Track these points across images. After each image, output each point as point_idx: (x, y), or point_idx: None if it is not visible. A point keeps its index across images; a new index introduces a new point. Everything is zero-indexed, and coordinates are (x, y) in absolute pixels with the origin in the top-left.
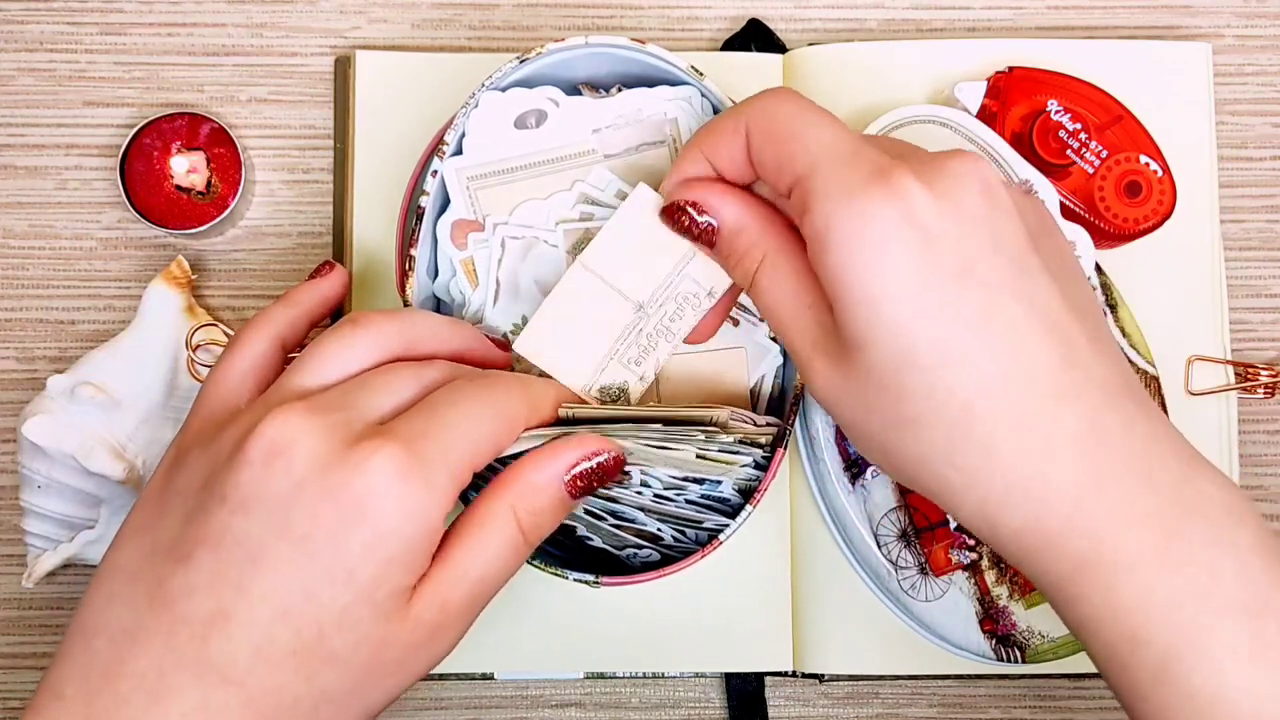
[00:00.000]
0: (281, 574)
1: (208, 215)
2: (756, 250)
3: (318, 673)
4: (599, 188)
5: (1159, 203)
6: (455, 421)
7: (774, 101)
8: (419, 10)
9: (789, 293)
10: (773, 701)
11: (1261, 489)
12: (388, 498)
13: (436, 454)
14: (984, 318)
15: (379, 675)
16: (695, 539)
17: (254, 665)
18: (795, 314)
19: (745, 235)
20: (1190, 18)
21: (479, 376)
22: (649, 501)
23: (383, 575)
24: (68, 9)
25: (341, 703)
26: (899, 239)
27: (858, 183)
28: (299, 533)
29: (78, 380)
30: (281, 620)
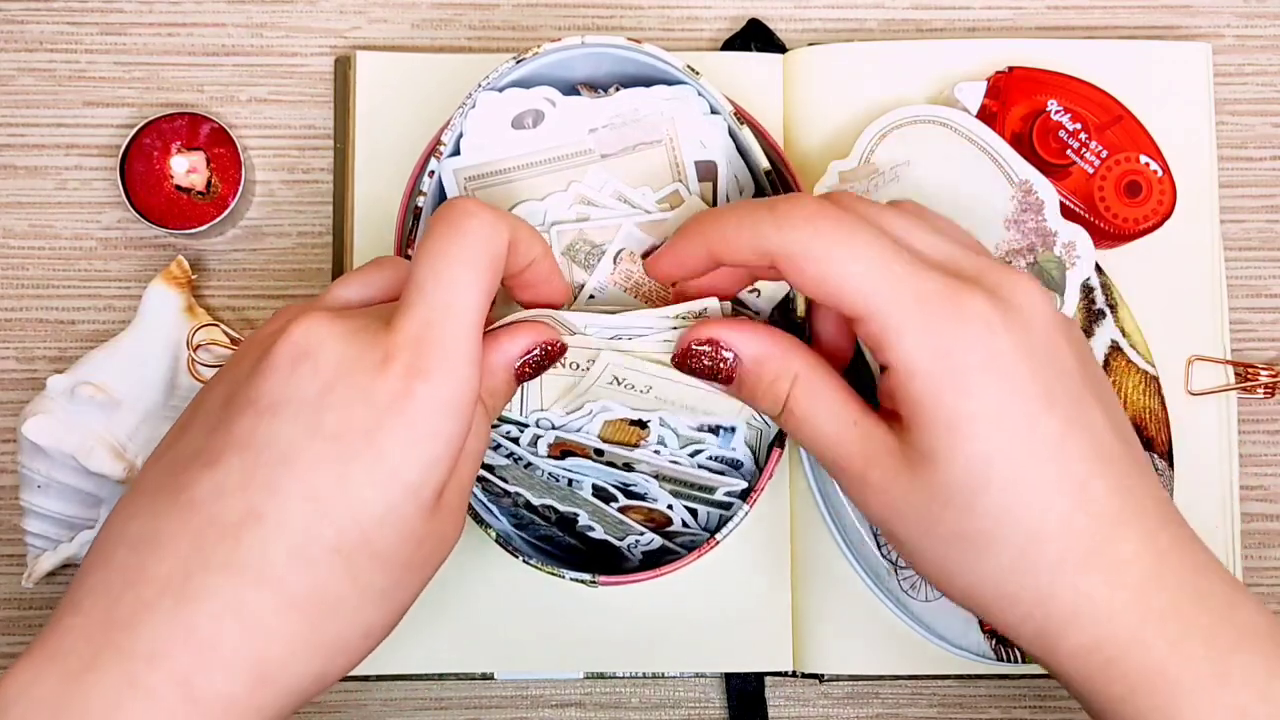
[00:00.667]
0: (318, 473)
1: (208, 215)
2: (786, 374)
3: (362, 572)
4: (595, 188)
5: (1159, 203)
6: (448, 299)
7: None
8: (419, 10)
9: (830, 412)
10: (773, 701)
11: (1261, 489)
12: (421, 401)
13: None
14: (1057, 448)
15: (417, 569)
16: (704, 522)
17: (292, 564)
18: (840, 431)
19: (771, 362)
20: (1190, 18)
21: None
22: (665, 464)
23: (428, 476)
24: (68, 9)
25: (383, 600)
26: (982, 368)
27: (935, 315)
28: (332, 432)
29: (78, 380)
30: (321, 520)
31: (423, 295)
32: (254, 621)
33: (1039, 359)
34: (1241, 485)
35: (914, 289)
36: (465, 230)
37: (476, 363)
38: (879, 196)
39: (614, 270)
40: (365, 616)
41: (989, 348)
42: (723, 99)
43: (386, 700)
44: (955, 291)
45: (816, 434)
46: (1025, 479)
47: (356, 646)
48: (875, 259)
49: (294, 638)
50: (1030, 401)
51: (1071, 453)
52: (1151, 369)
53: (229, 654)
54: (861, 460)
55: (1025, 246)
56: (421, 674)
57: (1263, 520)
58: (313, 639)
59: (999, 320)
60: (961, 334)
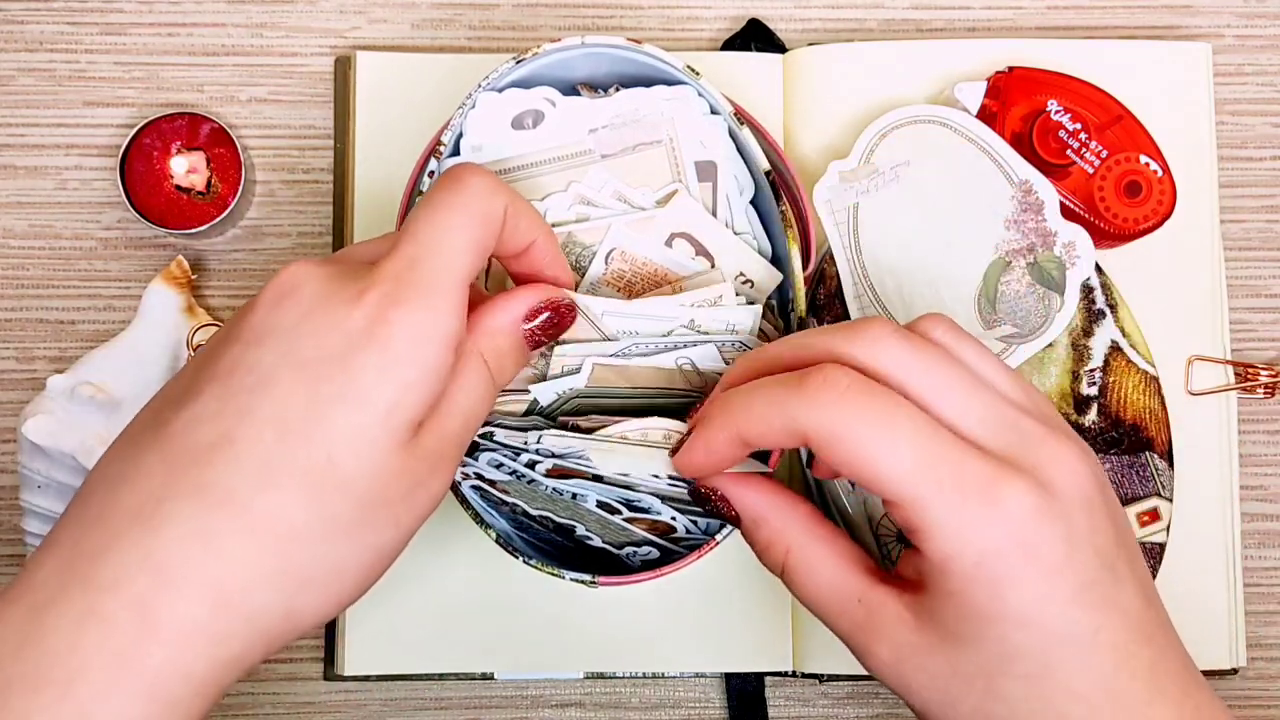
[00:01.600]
0: (289, 395)
1: (208, 215)
2: (780, 542)
3: (327, 499)
4: (595, 188)
5: (1159, 203)
6: (438, 240)
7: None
8: (419, 10)
9: (829, 584)
10: (773, 701)
11: (1261, 489)
12: (394, 325)
13: (427, 277)
14: (1091, 640)
15: (388, 507)
16: (706, 529)
17: (258, 486)
18: (842, 606)
19: (766, 529)
20: (1190, 18)
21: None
22: (665, 486)
23: (399, 400)
24: (68, 9)
25: (351, 536)
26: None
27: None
28: (307, 356)
29: (78, 380)
30: (287, 440)
31: (412, 236)
32: (216, 545)
33: (1076, 546)
34: (1241, 485)
35: (954, 478)
36: (463, 184)
37: (458, 302)
38: (879, 196)
39: (606, 270)
40: (334, 550)
41: (1027, 544)
42: (723, 99)
43: (386, 700)
44: (995, 481)
45: (817, 603)
46: (1050, 676)
47: (324, 583)
48: (912, 443)
49: (255, 564)
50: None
51: (1104, 644)
52: (1151, 369)
53: (189, 577)
54: (865, 635)
55: (1025, 246)
56: (421, 674)
57: (1263, 520)
58: (275, 566)
59: (1038, 511)
60: (1000, 530)
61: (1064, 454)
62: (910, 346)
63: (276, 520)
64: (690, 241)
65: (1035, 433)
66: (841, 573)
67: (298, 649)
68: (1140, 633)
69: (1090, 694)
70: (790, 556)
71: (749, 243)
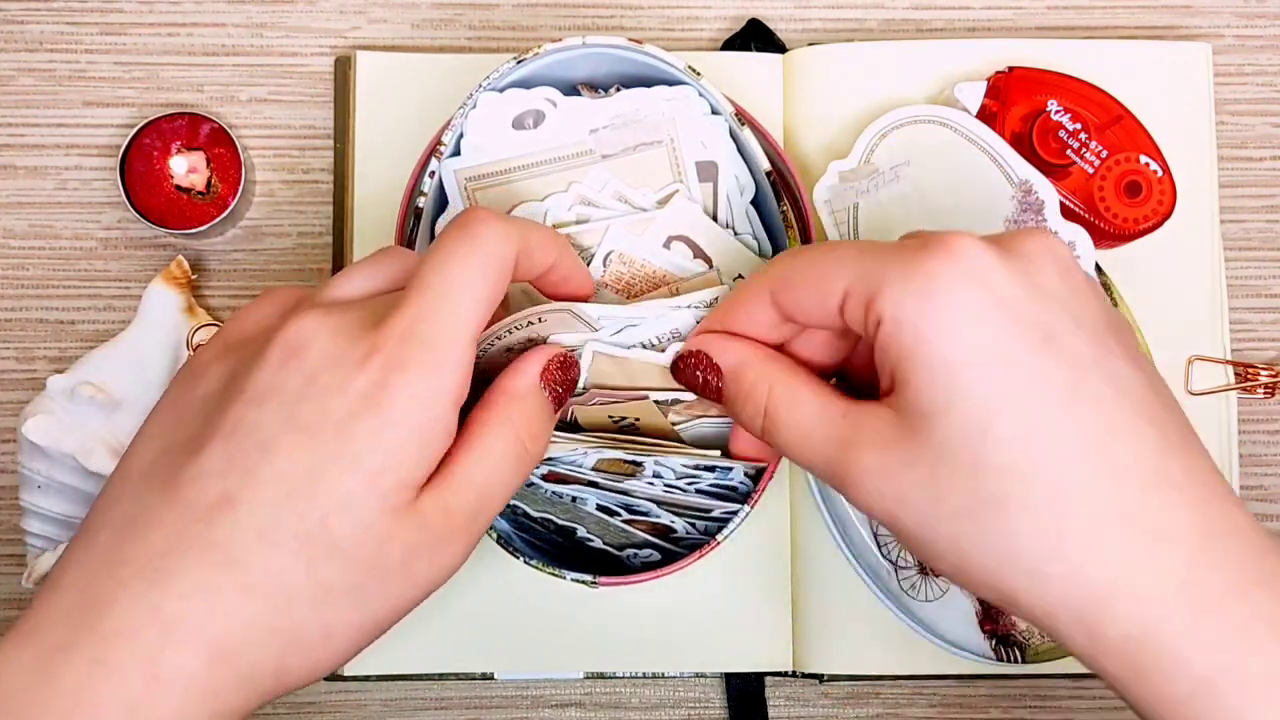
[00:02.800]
0: (291, 461)
1: (208, 215)
2: (763, 382)
3: (319, 563)
4: (595, 188)
5: (1159, 203)
6: (445, 293)
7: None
8: (419, 10)
9: (813, 411)
10: (773, 701)
11: (1261, 489)
12: (393, 389)
13: (432, 337)
14: (1071, 392)
15: (382, 575)
16: (705, 530)
17: (257, 548)
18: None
19: (749, 370)
20: (1190, 18)
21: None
22: (660, 493)
23: (390, 463)
24: (68, 9)
25: (344, 602)
26: (975, 303)
27: (917, 258)
28: (307, 422)
29: (78, 380)
30: (285, 503)
31: (420, 293)
32: (217, 601)
33: (1046, 302)
34: (1241, 485)
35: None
36: (474, 235)
37: (462, 360)
38: (879, 196)
39: (604, 272)
40: (324, 614)
41: (983, 288)
42: (723, 99)
43: (386, 700)
44: (944, 238)
45: (803, 437)
46: (1036, 427)
47: (313, 645)
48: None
49: (251, 620)
50: (1034, 345)
51: (1088, 400)
52: None
53: (191, 632)
54: (854, 449)
55: None
56: (421, 674)
57: (1263, 520)
58: (269, 624)
59: (995, 260)
60: (951, 276)
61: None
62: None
63: (274, 581)
64: (688, 244)
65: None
66: (823, 397)
67: None
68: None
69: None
70: (773, 393)
71: (749, 243)
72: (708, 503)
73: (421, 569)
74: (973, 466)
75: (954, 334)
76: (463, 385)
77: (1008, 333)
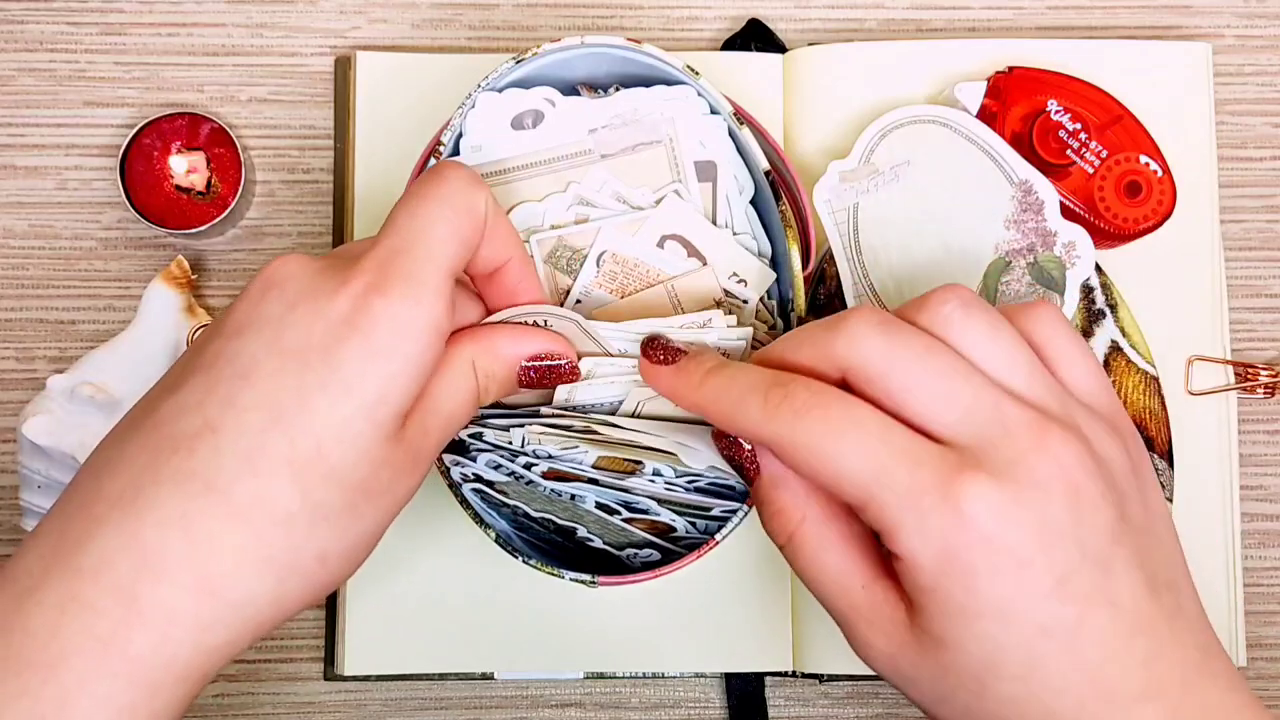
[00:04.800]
0: (273, 384)
1: (208, 215)
2: (797, 510)
3: (314, 487)
4: (594, 188)
5: (1159, 203)
6: (420, 231)
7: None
8: (419, 10)
9: (836, 566)
10: (773, 701)
11: (1261, 489)
12: (377, 315)
13: (414, 266)
14: (1073, 633)
15: (373, 497)
16: (705, 529)
17: (240, 474)
18: (845, 589)
19: (785, 493)
20: (1190, 18)
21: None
22: (661, 490)
23: (384, 391)
24: (68, 9)
25: (337, 524)
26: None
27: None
28: (291, 347)
29: (78, 380)
30: (273, 428)
31: (395, 228)
32: (200, 532)
33: (1054, 536)
34: (1241, 485)
35: (908, 479)
36: (446, 178)
37: (442, 292)
38: (879, 196)
39: (598, 273)
40: (319, 537)
41: (991, 541)
42: (722, 99)
43: (386, 700)
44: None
45: (820, 584)
46: (1038, 669)
47: (310, 571)
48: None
49: (241, 550)
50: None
51: (1087, 639)
52: (1151, 369)
53: (173, 564)
54: (866, 625)
55: (1025, 246)
56: (421, 674)
57: (1263, 520)
58: (261, 554)
59: (1001, 504)
60: (957, 525)
61: (1051, 441)
62: (887, 340)
63: (262, 508)
64: (681, 243)
65: (1022, 420)
66: (851, 556)
67: (297, 649)
68: (1134, 624)
69: (1076, 689)
70: (803, 527)
71: (748, 243)
72: (707, 501)
73: (402, 488)
74: (979, 693)
75: (967, 592)
76: (445, 317)
77: (1015, 589)
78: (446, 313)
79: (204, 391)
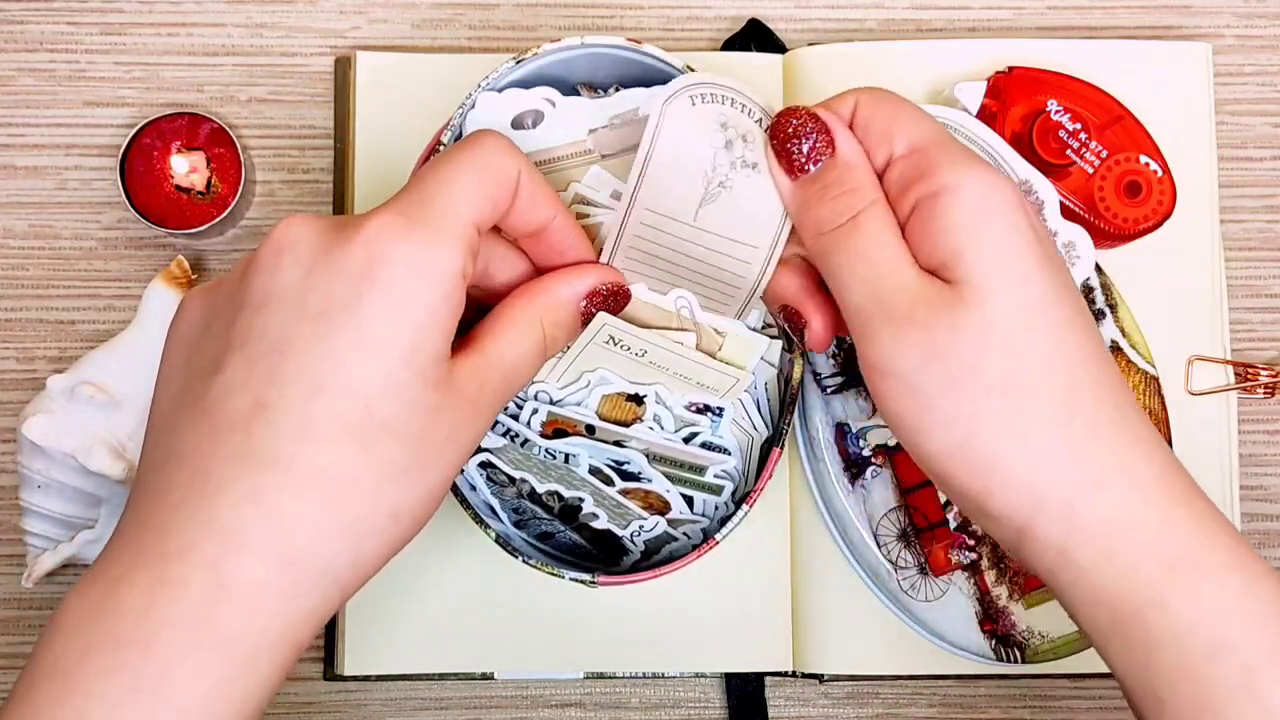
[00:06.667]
0: (310, 353)
1: (208, 215)
2: (870, 190)
3: (373, 446)
4: (594, 188)
5: (1159, 203)
6: (445, 181)
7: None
8: (419, 10)
9: (891, 245)
10: (773, 701)
11: (1261, 489)
12: (395, 263)
13: (433, 213)
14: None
15: (437, 447)
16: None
17: (299, 446)
18: (896, 266)
19: (860, 173)
20: (1190, 18)
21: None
22: (657, 440)
23: (417, 341)
24: (68, 9)
25: (405, 479)
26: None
27: (979, 161)
28: (315, 311)
29: (78, 380)
30: (318, 397)
31: (418, 182)
32: (271, 506)
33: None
34: (1241, 485)
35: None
36: (478, 143)
37: (463, 237)
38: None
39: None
40: (388, 495)
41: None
42: None
43: (386, 700)
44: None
45: (874, 259)
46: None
47: (384, 529)
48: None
49: (317, 520)
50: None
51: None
52: (1151, 369)
53: (253, 539)
54: (910, 297)
55: None
56: (421, 674)
57: (1263, 520)
58: (337, 521)
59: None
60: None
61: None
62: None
63: (325, 474)
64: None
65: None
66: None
67: None
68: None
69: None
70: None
71: None
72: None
73: (466, 435)
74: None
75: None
76: (466, 263)
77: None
78: (467, 256)
79: (246, 370)
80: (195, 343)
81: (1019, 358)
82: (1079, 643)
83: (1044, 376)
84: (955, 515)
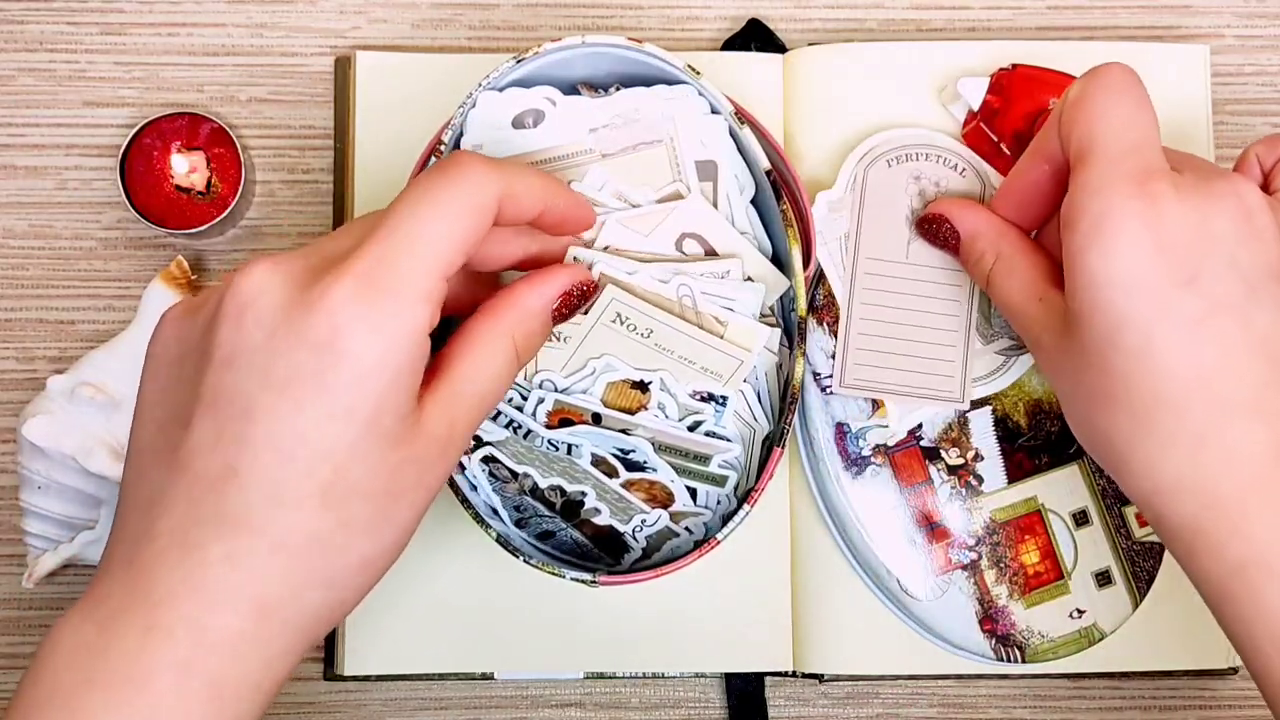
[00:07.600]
0: (276, 423)
1: (208, 215)
2: (990, 253)
3: (342, 506)
4: (595, 187)
5: None
6: (415, 233)
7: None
8: (419, 10)
9: (1020, 288)
10: (773, 701)
11: None
12: (358, 334)
13: (397, 278)
14: (1195, 324)
15: (402, 494)
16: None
17: (270, 512)
18: (1025, 304)
19: (980, 240)
20: (1190, 18)
21: (438, 170)
22: (662, 426)
23: (381, 406)
24: (68, 9)
25: (372, 530)
26: (1132, 236)
27: (1118, 178)
28: (280, 380)
29: (78, 380)
30: (289, 465)
31: (387, 230)
32: (247, 566)
33: (1205, 245)
34: None
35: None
36: (454, 177)
37: (430, 299)
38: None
39: None
40: (358, 548)
41: (1148, 223)
42: (723, 99)
43: (386, 700)
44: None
45: (1008, 304)
46: (1153, 348)
47: (357, 573)
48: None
49: (289, 575)
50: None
51: (1209, 334)
52: None
53: (230, 594)
54: (1038, 327)
55: None
56: (421, 674)
57: None
58: (309, 575)
59: (1173, 202)
60: (1126, 204)
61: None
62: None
63: (299, 537)
64: (700, 241)
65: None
66: (1032, 279)
67: None
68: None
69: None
70: (999, 263)
71: (749, 242)
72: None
73: (431, 477)
74: (1102, 368)
75: (1105, 254)
76: (430, 319)
77: (1153, 266)
78: (435, 309)
79: (214, 434)
80: (171, 372)
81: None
82: (1079, 643)
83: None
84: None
